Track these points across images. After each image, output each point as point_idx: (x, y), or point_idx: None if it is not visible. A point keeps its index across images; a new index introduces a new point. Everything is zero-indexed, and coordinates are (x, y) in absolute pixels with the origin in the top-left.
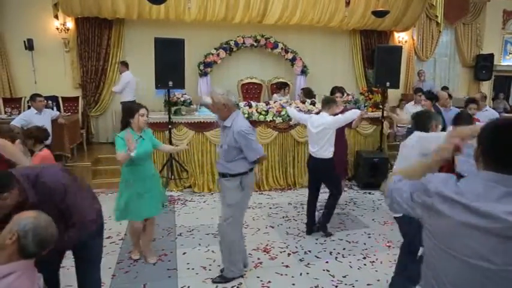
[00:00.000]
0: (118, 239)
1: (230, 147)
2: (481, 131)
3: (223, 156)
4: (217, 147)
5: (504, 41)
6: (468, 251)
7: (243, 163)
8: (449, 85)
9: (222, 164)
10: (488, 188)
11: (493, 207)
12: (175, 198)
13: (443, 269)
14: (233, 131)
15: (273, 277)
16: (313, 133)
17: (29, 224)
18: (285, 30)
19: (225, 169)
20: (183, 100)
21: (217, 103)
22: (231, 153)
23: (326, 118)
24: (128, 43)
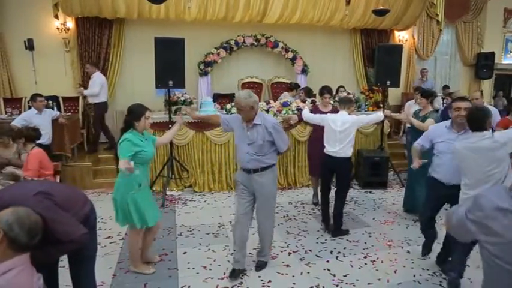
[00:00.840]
0: (119, 239)
1: (265, 142)
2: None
3: (256, 152)
4: (242, 146)
5: (505, 39)
6: None
7: (274, 155)
8: (450, 84)
9: (255, 159)
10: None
11: None
12: (175, 197)
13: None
14: (266, 127)
15: (273, 276)
16: (337, 132)
17: (9, 217)
18: (285, 30)
19: (260, 163)
20: (183, 99)
21: (246, 107)
22: (265, 147)
23: (351, 116)
24: (128, 43)
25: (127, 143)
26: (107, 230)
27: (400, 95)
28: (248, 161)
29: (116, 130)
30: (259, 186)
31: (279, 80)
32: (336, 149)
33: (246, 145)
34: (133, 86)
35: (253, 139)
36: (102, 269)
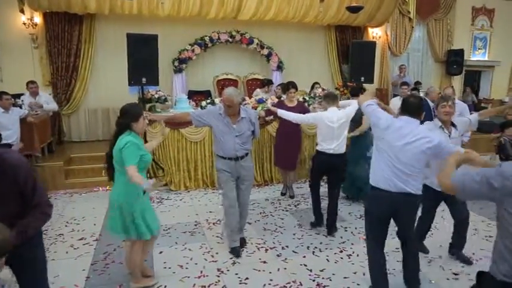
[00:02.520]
0: (92, 240)
1: (249, 131)
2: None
3: (243, 142)
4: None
5: (473, 36)
6: None
7: (251, 141)
8: (422, 80)
9: (243, 148)
10: None
11: None
12: (151, 196)
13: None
14: (250, 118)
15: (250, 273)
16: (334, 128)
17: None
18: (260, 26)
19: (245, 150)
20: (157, 97)
21: (236, 103)
22: (250, 136)
23: (342, 111)
24: (99, 39)
25: (133, 146)
26: (79, 232)
27: (374, 91)
28: (237, 150)
29: (89, 128)
30: (245, 169)
31: (255, 76)
32: (333, 146)
33: (233, 137)
34: (106, 84)
35: (241, 131)
36: (75, 271)
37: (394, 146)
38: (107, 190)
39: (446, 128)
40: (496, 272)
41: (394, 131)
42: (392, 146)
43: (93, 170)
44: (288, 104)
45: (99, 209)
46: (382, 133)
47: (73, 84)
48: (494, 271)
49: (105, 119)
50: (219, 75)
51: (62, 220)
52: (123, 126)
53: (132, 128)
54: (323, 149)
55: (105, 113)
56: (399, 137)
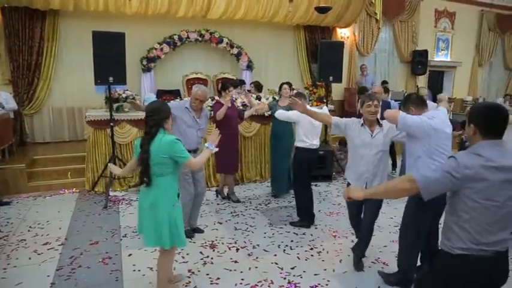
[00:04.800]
0: (57, 245)
1: (205, 126)
2: (473, 116)
3: (201, 136)
4: (192, 131)
5: (436, 38)
6: (504, 198)
7: None
8: (388, 79)
9: (199, 140)
10: (500, 150)
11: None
12: (119, 198)
13: (484, 218)
14: (206, 113)
15: (221, 273)
16: (316, 126)
17: None
18: (230, 25)
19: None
20: (125, 96)
21: (205, 99)
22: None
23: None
24: (64, 36)
25: (179, 142)
26: (44, 236)
27: (343, 90)
28: (198, 143)
29: (54, 129)
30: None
31: (224, 75)
32: (314, 142)
33: (196, 130)
34: (71, 83)
35: (202, 125)
36: (39, 278)
37: (447, 134)
38: (73, 192)
39: (370, 127)
40: (451, 248)
41: (441, 121)
42: (447, 134)
43: (58, 172)
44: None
45: (64, 212)
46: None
47: (36, 83)
48: (449, 248)
49: (71, 119)
50: (188, 75)
51: (24, 225)
52: (157, 125)
53: (164, 126)
54: (308, 146)
55: (71, 113)
56: (445, 125)
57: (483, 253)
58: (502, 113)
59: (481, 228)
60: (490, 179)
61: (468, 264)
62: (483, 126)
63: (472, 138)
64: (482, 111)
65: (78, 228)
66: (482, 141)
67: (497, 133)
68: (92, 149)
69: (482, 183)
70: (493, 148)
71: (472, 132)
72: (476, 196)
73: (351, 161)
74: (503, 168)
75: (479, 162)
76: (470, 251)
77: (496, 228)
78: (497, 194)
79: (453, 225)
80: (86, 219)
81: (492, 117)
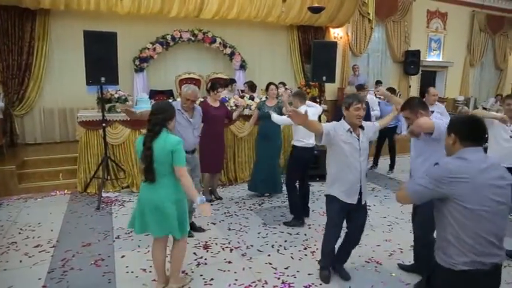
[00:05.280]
0: (49, 247)
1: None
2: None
3: (198, 134)
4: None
5: (429, 38)
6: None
7: None
8: (381, 79)
9: (197, 140)
10: (480, 156)
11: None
12: (112, 199)
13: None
14: (198, 110)
15: (215, 274)
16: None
17: None
18: (223, 25)
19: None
20: (117, 97)
21: (196, 99)
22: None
23: (311, 110)
24: (55, 36)
25: (182, 145)
26: (35, 239)
27: (336, 90)
28: (195, 144)
29: (45, 130)
30: (196, 159)
31: (217, 75)
32: (311, 141)
33: (191, 130)
34: (62, 83)
35: (197, 123)
36: (30, 281)
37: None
38: (64, 194)
39: (355, 132)
40: (454, 264)
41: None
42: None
43: (49, 174)
44: (212, 104)
45: (56, 214)
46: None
47: (26, 83)
48: (451, 264)
49: (62, 119)
50: (181, 75)
51: (15, 227)
52: (161, 124)
53: (168, 126)
54: (305, 145)
55: (62, 114)
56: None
57: (484, 267)
58: (482, 123)
59: (478, 237)
60: (476, 181)
61: (472, 281)
62: (464, 134)
63: (452, 148)
64: (463, 121)
65: (70, 230)
66: (464, 148)
67: (476, 141)
68: (84, 150)
69: (468, 186)
70: (476, 153)
71: (452, 142)
72: (466, 202)
73: (336, 173)
74: (488, 169)
75: (464, 165)
76: (472, 265)
77: (493, 237)
78: (485, 198)
79: (449, 237)
80: (78, 221)
81: (473, 125)
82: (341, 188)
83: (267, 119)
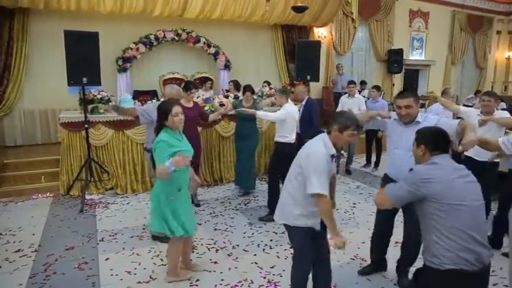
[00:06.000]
0: (30, 251)
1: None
2: (423, 138)
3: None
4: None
5: (411, 37)
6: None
7: None
8: (365, 78)
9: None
10: (448, 161)
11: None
12: (96, 201)
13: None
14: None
15: (201, 275)
16: (296, 121)
17: None
18: (207, 25)
19: None
20: (100, 97)
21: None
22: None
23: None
24: (34, 36)
25: (162, 144)
26: (16, 243)
27: (321, 89)
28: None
29: (25, 132)
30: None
31: (202, 75)
32: (293, 136)
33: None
34: (43, 84)
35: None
36: (10, 286)
37: None
38: (46, 197)
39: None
40: (440, 264)
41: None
42: None
43: (30, 177)
44: (186, 104)
45: (38, 217)
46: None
47: (5, 84)
48: (437, 264)
49: (44, 121)
50: (165, 75)
51: None
52: (158, 122)
53: (165, 123)
54: (289, 140)
55: (44, 115)
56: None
57: (470, 267)
58: (445, 133)
59: (459, 231)
60: (447, 180)
61: (459, 281)
62: (432, 145)
63: (422, 159)
64: (430, 132)
65: (53, 234)
66: (433, 156)
67: (443, 150)
68: (67, 152)
69: (441, 185)
70: (444, 158)
71: (422, 153)
72: (443, 199)
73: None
74: (455, 170)
75: (434, 167)
76: (458, 263)
77: (474, 232)
78: (460, 193)
79: (433, 236)
80: (61, 224)
81: (439, 136)
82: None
83: (242, 119)
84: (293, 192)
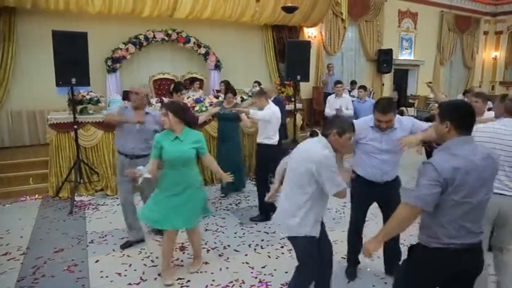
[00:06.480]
0: (18, 254)
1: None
2: (449, 113)
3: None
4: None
5: (400, 37)
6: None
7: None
8: (356, 78)
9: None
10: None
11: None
12: (85, 203)
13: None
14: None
15: (192, 276)
16: (279, 121)
17: None
18: (197, 25)
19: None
20: (89, 98)
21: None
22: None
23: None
24: (22, 36)
25: (152, 142)
26: (3, 246)
27: (311, 89)
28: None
29: (13, 133)
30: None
31: (192, 75)
32: (277, 137)
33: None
34: (31, 84)
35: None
36: None
37: None
38: (35, 199)
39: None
40: (428, 242)
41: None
42: None
43: (18, 178)
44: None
45: (26, 219)
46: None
47: None
48: (426, 242)
49: (32, 122)
50: (155, 75)
51: None
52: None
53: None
54: (273, 142)
55: (31, 116)
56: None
57: (458, 246)
58: (472, 109)
59: (457, 225)
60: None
61: (444, 256)
62: (458, 122)
63: (446, 136)
64: (457, 107)
65: (42, 236)
66: (456, 138)
67: (468, 129)
68: (55, 153)
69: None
70: (466, 146)
71: (448, 130)
72: (455, 195)
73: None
74: (476, 168)
75: (454, 165)
76: (447, 245)
77: (471, 222)
78: (473, 192)
79: (432, 224)
80: (50, 226)
81: (466, 113)
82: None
83: (223, 120)
84: (297, 201)
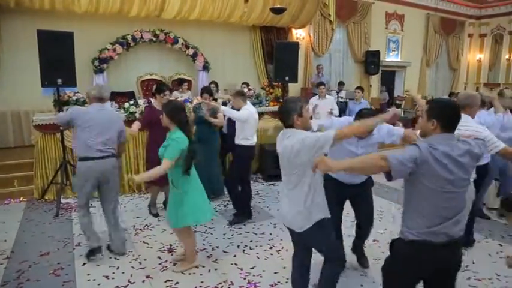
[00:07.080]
0: (2, 259)
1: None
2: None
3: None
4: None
5: (387, 39)
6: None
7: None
8: (343, 79)
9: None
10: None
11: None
12: (72, 205)
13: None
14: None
15: (181, 277)
16: (257, 122)
17: None
18: (185, 25)
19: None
20: (75, 99)
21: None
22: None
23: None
24: (5, 35)
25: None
26: None
27: (299, 90)
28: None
29: None
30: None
31: (180, 76)
32: (255, 138)
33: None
34: (15, 85)
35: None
36: None
37: None
38: (20, 202)
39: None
40: (405, 235)
41: None
42: None
43: (2, 181)
44: (158, 108)
45: (10, 223)
46: None
47: None
48: (404, 235)
49: (16, 123)
50: (143, 76)
51: None
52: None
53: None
54: (251, 143)
55: (16, 117)
56: None
57: (434, 239)
58: (458, 110)
59: (437, 213)
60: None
61: (420, 250)
62: (444, 121)
63: (431, 133)
64: (445, 107)
65: (26, 240)
66: (440, 134)
67: (453, 128)
68: (41, 155)
69: (433, 171)
70: (447, 142)
71: (434, 128)
72: (429, 182)
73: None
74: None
75: (434, 155)
76: (422, 236)
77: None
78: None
79: (412, 212)
80: (35, 229)
81: (453, 113)
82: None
83: (202, 123)
84: (299, 196)
